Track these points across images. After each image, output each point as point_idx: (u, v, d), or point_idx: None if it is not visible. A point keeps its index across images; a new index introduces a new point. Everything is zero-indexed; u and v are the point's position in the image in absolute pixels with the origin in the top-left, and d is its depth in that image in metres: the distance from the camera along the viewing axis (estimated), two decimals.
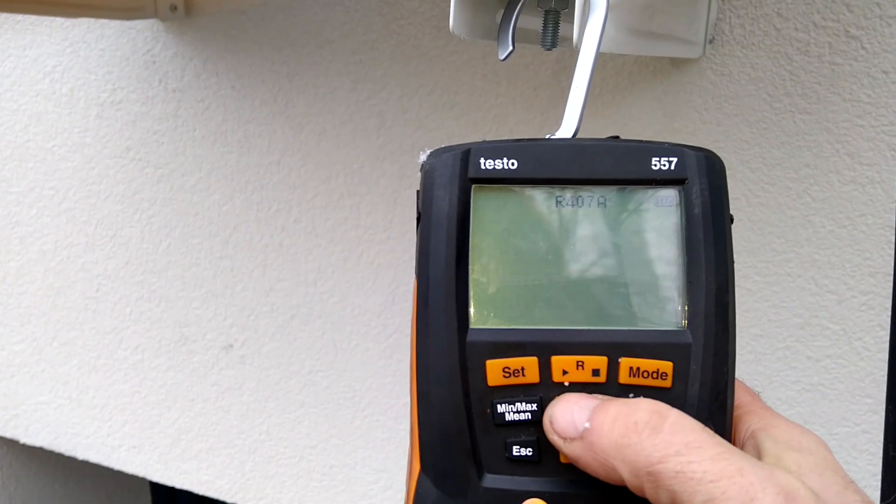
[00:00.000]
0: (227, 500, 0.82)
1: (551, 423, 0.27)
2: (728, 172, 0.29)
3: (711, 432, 0.26)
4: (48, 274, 0.84)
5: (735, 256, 0.54)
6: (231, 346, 0.77)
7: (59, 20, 0.77)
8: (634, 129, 0.57)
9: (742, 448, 0.28)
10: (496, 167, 0.28)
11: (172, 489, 0.85)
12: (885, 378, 0.53)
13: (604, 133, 0.51)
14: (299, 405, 0.76)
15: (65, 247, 0.83)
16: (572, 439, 0.27)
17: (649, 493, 0.25)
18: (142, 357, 0.82)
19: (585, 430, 0.26)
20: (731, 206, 0.29)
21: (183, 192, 0.75)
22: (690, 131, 0.55)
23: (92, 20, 0.75)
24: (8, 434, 0.92)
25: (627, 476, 0.25)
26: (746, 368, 0.57)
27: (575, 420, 0.27)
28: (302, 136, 0.69)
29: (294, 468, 0.78)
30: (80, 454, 0.88)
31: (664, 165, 0.28)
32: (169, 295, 0.79)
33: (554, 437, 0.27)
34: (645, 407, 0.26)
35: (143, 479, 0.87)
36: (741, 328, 0.58)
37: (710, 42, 0.53)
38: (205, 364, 0.79)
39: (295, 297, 0.73)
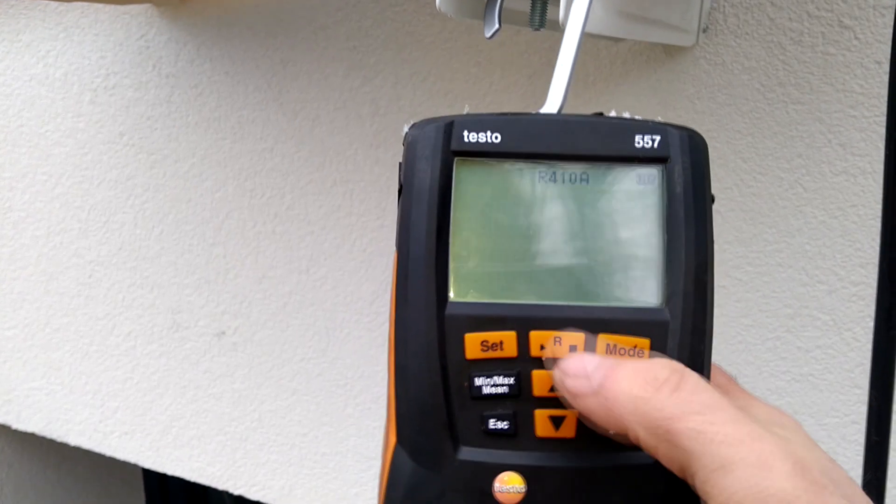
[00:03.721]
0: (219, 487, 0.82)
1: (564, 373, 0.26)
2: (720, 162, 0.29)
3: (727, 398, 0.25)
4: (41, 259, 0.84)
5: (726, 246, 0.53)
6: (223, 333, 0.77)
7: (53, 4, 0.77)
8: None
9: None
10: (479, 140, 0.28)
11: (164, 475, 0.85)
12: None
13: None
14: (291, 392, 0.76)
15: (57, 232, 0.82)
16: (585, 395, 0.26)
17: (663, 454, 0.24)
18: (134, 343, 0.82)
19: (600, 384, 0.25)
20: (722, 195, 0.29)
21: (176, 178, 0.75)
22: (684, 121, 0.55)
23: (86, 5, 0.74)
24: (0, 420, 0.93)
25: (643, 433, 0.24)
26: (736, 358, 0.57)
27: (588, 371, 0.26)
28: (296, 123, 0.69)
29: (285, 455, 0.78)
30: (73, 440, 0.88)
31: (647, 143, 0.28)
32: (161, 281, 0.79)
33: (566, 390, 0.26)
34: (665, 363, 0.25)
35: (135, 466, 0.87)
36: (732, 317, 0.58)
37: (704, 31, 0.53)
38: (197, 351, 0.79)
39: (287, 285, 0.73)
